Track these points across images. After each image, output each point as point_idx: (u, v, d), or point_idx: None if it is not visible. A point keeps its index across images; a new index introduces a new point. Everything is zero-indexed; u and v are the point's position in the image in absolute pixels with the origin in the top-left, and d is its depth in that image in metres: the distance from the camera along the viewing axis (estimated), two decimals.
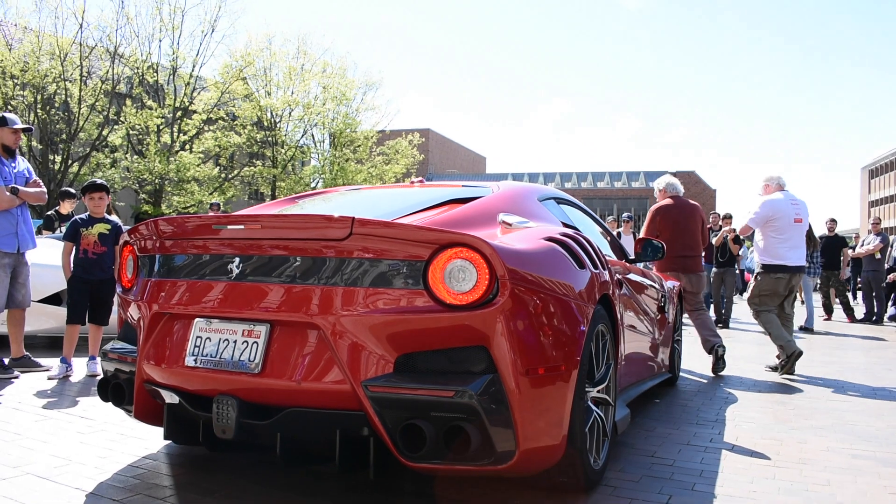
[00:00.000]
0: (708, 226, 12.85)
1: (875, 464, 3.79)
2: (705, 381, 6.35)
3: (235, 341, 2.64)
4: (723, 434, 4.32)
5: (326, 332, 2.49)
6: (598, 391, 3.23)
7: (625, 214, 13.32)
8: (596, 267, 3.23)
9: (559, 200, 4.17)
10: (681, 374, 6.55)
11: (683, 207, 7.03)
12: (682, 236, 6.78)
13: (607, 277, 3.38)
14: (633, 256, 5.05)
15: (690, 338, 9.88)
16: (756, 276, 7.11)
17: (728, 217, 12.93)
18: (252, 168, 32.35)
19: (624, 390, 4.08)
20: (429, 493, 3.05)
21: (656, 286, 5.24)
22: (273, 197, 33.17)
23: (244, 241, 2.73)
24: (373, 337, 2.47)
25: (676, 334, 6.08)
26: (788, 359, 6.72)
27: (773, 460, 3.78)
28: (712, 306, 12.46)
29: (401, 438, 2.41)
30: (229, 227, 2.74)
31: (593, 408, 3.15)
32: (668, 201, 7.06)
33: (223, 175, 31.67)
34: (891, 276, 12.29)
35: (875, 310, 13.25)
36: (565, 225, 3.74)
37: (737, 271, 14.49)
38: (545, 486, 3.09)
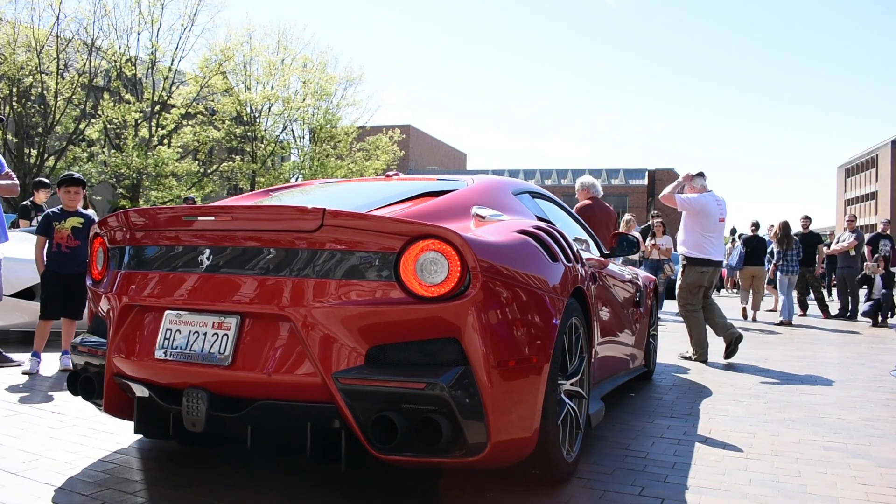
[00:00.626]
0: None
1: (846, 455, 3.83)
2: (680, 375, 6.40)
3: (206, 333, 2.62)
4: (696, 427, 4.36)
5: (297, 325, 2.48)
6: (571, 384, 3.23)
7: None
8: (569, 260, 3.23)
9: (534, 195, 4.18)
10: (656, 368, 6.59)
11: (603, 208, 7.42)
12: (599, 234, 6.94)
13: (581, 271, 3.39)
14: (608, 251, 5.06)
15: (666, 332, 9.97)
16: (682, 271, 7.50)
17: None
18: (231, 163, 32.13)
19: (598, 384, 4.09)
20: (401, 486, 3.04)
21: (632, 281, 5.26)
22: None
23: (215, 233, 2.70)
24: (344, 329, 2.46)
25: (652, 329, 6.11)
26: (734, 342, 7.30)
27: (745, 452, 3.81)
28: None
29: (372, 431, 2.41)
30: (200, 218, 2.71)
31: (566, 401, 3.16)
32: (588, 201, 7.37)
33: (202, 170, 31.42)
34: (867, 266, 12.42)
35: (849, 306, 13.40)
36: (540, 219, 3.74)
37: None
38: (518, 479, 3.09)
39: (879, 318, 12.01)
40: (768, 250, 13.15)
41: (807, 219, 14.09)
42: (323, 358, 2.44)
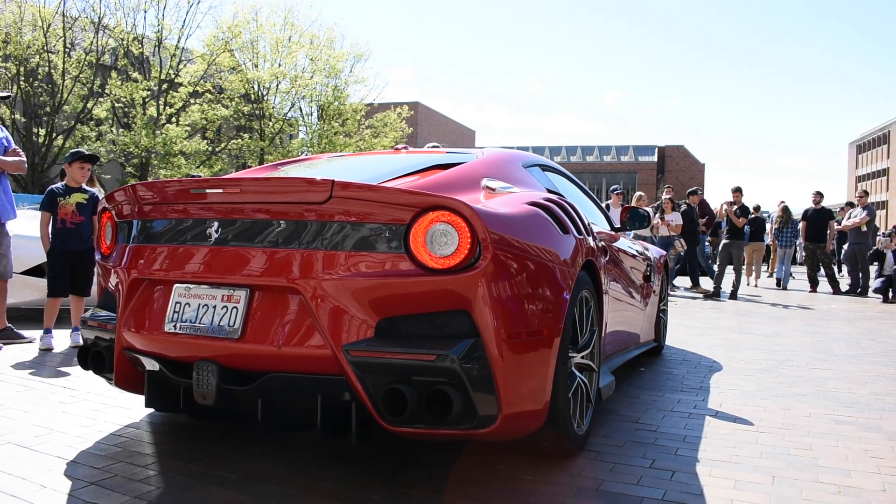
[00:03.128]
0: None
1: (857, 429, 3.81)
2: (690, 350, 6.37)
3: (215, 307, 2.61)
4: (707, 401, 4.34)
5: (307, 297, 2.46)
6: (581, 357, 3.22)
7: (613, 187, 13.30)
8: (580, 233, 3.20)
9: (544, 167, 4.14)
10: (666, 343, 6.58)
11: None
12: None
13: (591, 244, 3.37)
14: (618, 225, 5.02)
15: (676, 308, 9.95)
16: None
17: (737, 190, 12.91)
18: (239, 141, 32.08)
19: (608, 358, 4.08)
20: (411, 460, 3.05)
21: (643, 255, 5.23)
22: None
23: (223, 206, 2.69)
24: (354, 301, 2.44)
25: (662, 304, 6.09)
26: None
27: (756, 426, 3.80)
28: (712, 278, 12.57)
29: (382, 403, 2.40)
30: (208, 191, 2.69)
31: (577, 374, 3.15)
32: None
33: (210, 148, 31.38)
34: (879, 241, 12.36)
35: (860, 282, 13.32)
36: (550, 192, 3.71)
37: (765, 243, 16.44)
38: (529, 452, 3.09)
39: (890, 295, 11.93)
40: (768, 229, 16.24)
41: (818, 195, 14.00)
42: (333, 330, 2.43)
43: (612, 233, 4.63)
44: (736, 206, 12.42)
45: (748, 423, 3.84)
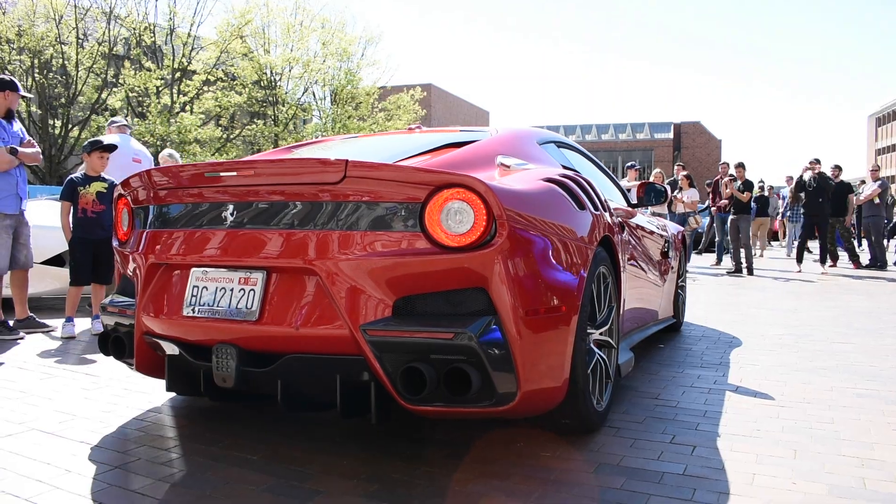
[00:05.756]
0: (717, 177, 12.83)
1: (879, 402, 3.78)
2: (710, 326, 6.34)
3: (232, 289, 2.62)
4: (727, 376, 4.32)
5: (323, 277, 2.46)
6: (600, 333, 3.21)
7: (630, 163, 13.22)
8: (596, 209, 3.18)
9: (559, 144, 4.11)
10: (685, 320, 6.54)
11: None
12: None
13: (608, 219, 3.34)
14: (635, 201, 4.98)
15: (694, 284, 9.89)
16: None
17: (740, 166, 12.80)
18: (253, 127, 32.13)
19: (627, 334, 4.06)
20: (431, 438, 3.06)
21: (660, 231, 5.19)
22: None
23: (238, 188, 2.69)
24: (370, 281, 2.44)
25: (681, 280, 6.05)
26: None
27: (776, 400, 3.78)
28: (729, 255, 12.49)
29: (401, 382, 2.40)
30: (222, 174, 2.70)
31: (596, 350, 3.14)
32: None
33: (224, 135, 31.46)
34: None
35: (880, 255, 13.18)
36: (565, 168, 3.68)
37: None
38: (549, 429, 3.09)
39: None
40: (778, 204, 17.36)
41: (837, 168, 13.85)
42: (350, 310, 2.43)
43: (629, 209, 4.60)
44: (739, 182, 12.30)
45: (769, 398, 3.82)
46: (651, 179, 12.16)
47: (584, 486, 2.55)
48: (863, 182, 16.78)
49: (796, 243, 14.05)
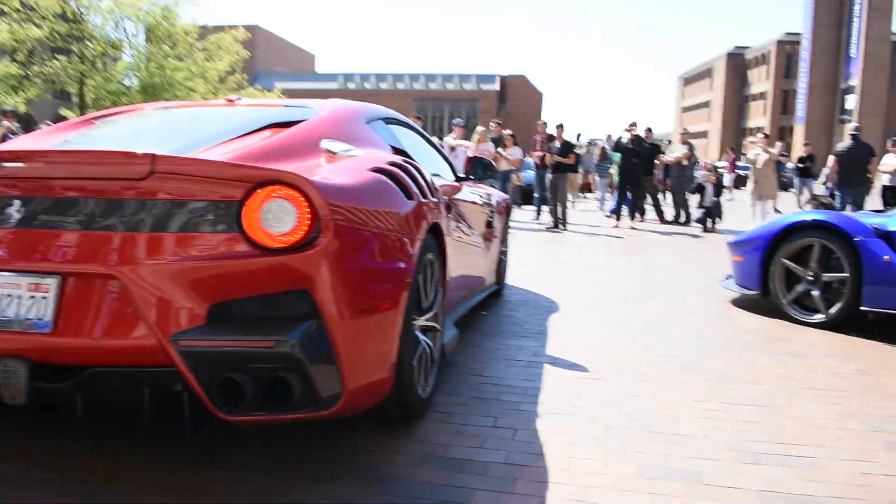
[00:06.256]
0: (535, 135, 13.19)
1: (682, 370, 4.06)
2: (530, 289, 6.55)
3: (21, 296, 2.33)
4: (546, 346, 4.48)
5: (127, 283, 2.25)
6: (426, 320, 3.20)
7: (456, 120, 13.34)
8: (425, 196, 3.14)
9: (388, 120, 4.02)
10: (507, 282, 6.72)
11: None
12: None
13: (437, 206, 3.31)
14: (462, 174, 5.00)
15: (516, 241, 10.18)
16: None
17: (560, 126, 13.29)
18: (55, 64, 29.32)
19: (453, 309, 4.10)
20: (250, 442, 2.93)
21: (486, 201, 5.26)
22: (81, 97, 30.32)
23: (27, 182, 2.39)
24: (181, 286, 2.26)
25: (503, 245, 6.18)
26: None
27: (592, 371, 3.97)
28: (548, 210, 12.99)
29: (217, 394, 2.26)
30: (7, 165, 2.38)
31: (421, 337, 3.13)
32: None
33: (21, 72, 28.50)
34: (701, 175, 13.26)
35: (683, 213, 14.20)
36: (395, 149, 3.61)
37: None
38: (375, 419, 3.07)
39: (709, 224, 12.85)
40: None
41: (649, 131, 14.83)
42: (158, 319, 2.24)
43: (456, 183, 4.61)
44: (559, 143, 12.78)
45: (585, 370, 4.00)
46: (475, 137, 12.37)
47: (411, 483, 2.55)
48: (670, 142, 18.01)
49: (610, 197, 14.98)
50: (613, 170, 15.28)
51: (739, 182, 26.52)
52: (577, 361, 4.15)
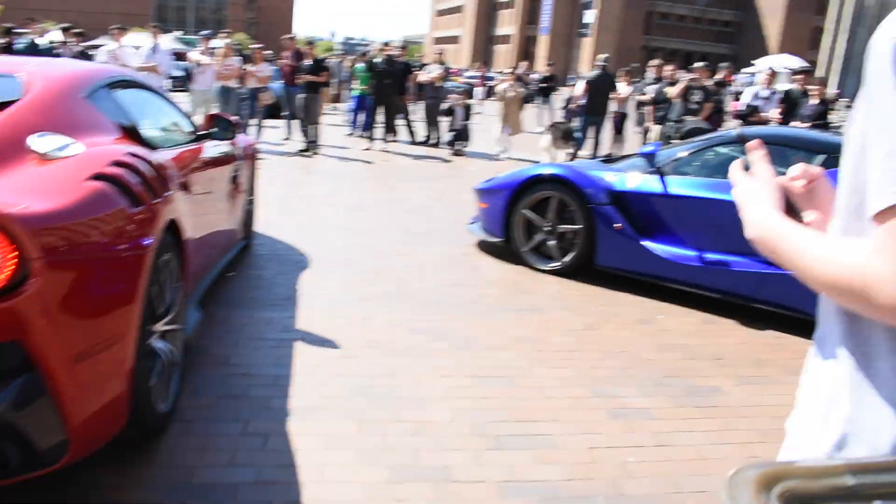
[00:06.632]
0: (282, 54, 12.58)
1: (431, 338, 4.19)
2: (280, 239, 6.32)
3: None
4: (295, 318, 4.37)
5: None
6: (165, 324, 2.97)
7: (202, 32, 12.36)
8: (157, 194, 2.83)
9: (111, 85, 3.54)
10: (256, 230, 6.44)
11: None
12: None
13: (171, 198, 3.02)
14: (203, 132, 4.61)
15: (265, 169, 9.61)
16: None
17: (310, 43, 12.80)
18: None
19: (196, 286, 3.86)
20: None
21: (228, 157, 4.92)
22: None
23: None
24: None
25: (250, 196, 5.88)
26: None
27: (342, 348, 3.95)
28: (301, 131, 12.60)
29: None
30: None
31: (160, 347, 2.90)
32: None
33: None
34: (452, 97, 13.51)
35: (433, 133, 14.49)
36: (122, 128, 3.20)
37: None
38: (113, 443, 2.82)
39: (458, 147, 13.25)
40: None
41: (403, 48, 14.89)
42: None
43: (196, 145, 4.27)
44: (310, 61, 12.33)
45: (335, 347, 3.98)
46: (220, 51, 11.56)
47: None
48: (425, 65, 18.11)
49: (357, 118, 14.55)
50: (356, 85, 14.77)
51: (489, 94, 27.36)
52: (329, 336, 4.11)
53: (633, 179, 5.59)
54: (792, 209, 1.11)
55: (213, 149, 4.55)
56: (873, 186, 0.87)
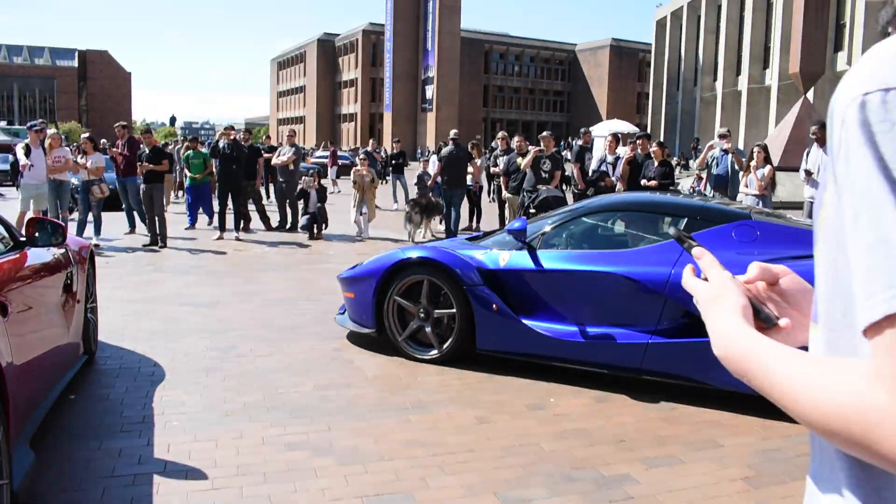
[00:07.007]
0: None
1: (310, 454, 3.74)
2: (128, 347, 5.65)
3: None
4: (152, 445, 3.79)
5: None
6: None
7: (31, 123, 11.41)
8: None
9: None
10: (100, 340, 5.73)
11: None
12: None
13: None
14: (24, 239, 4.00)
15: (108, 269, 8.77)
16: None
17: (148, 132, 12.16)
18: None
19: (25, 424, 3.23)
20: None
21: (59, 263, 4.30)
22: None
23: None
24: None
25: (90, 303, 5.22)
26: None
27: (210, 479, 3.43)
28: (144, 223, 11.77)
29: None
30: None
31: None
32: None
33: None
34: (304, 181, 13.07)
35: (289, 218, 13.94)
36: None
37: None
38: None
39: (315, 231, 12.80)
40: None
41: (248, 132, 14.32)
42: None
43: (17, 254, 3.67)
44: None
45: (202, 477, 3.44)
46: (48, 143, 10.67)
47: None
48: (272, 147, 17.57)
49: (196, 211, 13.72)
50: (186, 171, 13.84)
51: (342, 172, 27.00)
52: (193, 464, 3.56)
53: (504, 257, 5.40)
54: (760, 314, 0.90)
55: (37, 256, 3.95)
56: (860, 290, 0.66)
